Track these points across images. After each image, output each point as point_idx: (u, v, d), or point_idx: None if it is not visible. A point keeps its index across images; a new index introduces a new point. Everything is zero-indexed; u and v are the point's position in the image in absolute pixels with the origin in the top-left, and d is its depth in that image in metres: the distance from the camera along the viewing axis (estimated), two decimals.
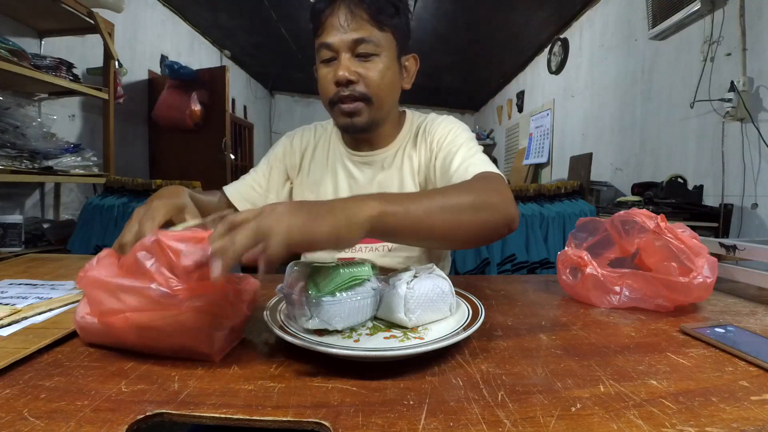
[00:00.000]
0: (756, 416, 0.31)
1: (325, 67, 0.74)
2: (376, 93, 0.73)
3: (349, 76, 0.71)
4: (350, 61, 0.71)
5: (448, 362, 0.41)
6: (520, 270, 1.73)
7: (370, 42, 0.71)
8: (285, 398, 0.33)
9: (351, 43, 0.70)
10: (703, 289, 0.56)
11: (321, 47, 0.73)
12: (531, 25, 3.93)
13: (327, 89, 0.74)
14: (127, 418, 0.30)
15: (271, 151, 0.91)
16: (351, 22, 0.70)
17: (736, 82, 1.89)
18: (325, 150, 0.88)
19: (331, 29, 0.71)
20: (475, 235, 0.57)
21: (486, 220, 0.56)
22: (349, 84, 0.71)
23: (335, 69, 0.71)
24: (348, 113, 0.73)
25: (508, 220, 0.58)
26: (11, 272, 0.71)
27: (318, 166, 0.87)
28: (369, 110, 0.74)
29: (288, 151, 0.89)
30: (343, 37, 0.70)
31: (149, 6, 3.42)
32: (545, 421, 0.30)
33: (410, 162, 0.83)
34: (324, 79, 0.74)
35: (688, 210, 1.93)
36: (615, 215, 0.67)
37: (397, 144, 0.84)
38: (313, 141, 0.89)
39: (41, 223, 2.10)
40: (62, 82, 2.00)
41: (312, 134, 0.90)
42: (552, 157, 4.12)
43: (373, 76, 0.72)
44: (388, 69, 0.74)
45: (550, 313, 0.59)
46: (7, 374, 0.36)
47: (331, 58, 0.73)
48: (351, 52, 0.71)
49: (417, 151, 0.83)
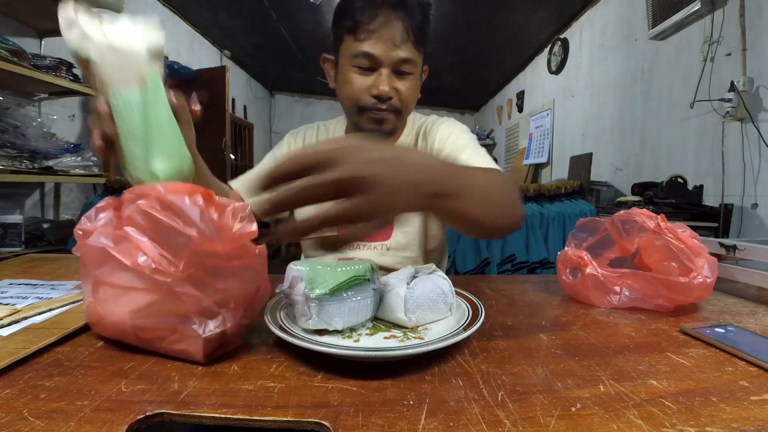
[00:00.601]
0: (756, 416, 0.31)
1: (360, 75, 0.74)
2: (405, 107, 0.77)
3: (390, 93, 0.73)
4: (391, 77, 0.73)
5: (448, 362, 0.41)
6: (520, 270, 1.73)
7: (411, 62, 0.73)
8: (285, 398, 0.33)
9: (397, 61, 0.72)
10: (703, 289, 0.56)
11: (361, 55, 0.71)
12: (531, 25, 3.93)
13: (360, 97, 0.74)
14: (127, 418, 0.30)
15: (276, 148, 0.91)
16: (402, 41, 0.71)
17: (736, 82, 1.89)
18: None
19: (379, 41, 0.70)
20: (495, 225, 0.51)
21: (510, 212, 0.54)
22: (388, 99, 0.74)
23: (375, 82, 0.73)
24: (378, 121, 0.76)
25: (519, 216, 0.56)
26: (11, 272, 0.71)
27: None
28: (396, 120, 0.78)
29: (293, 148, 0.89)
30: (391, 54, 0.71)
31: (149, 6, 3.42)
32: (545, 421, 0.30)
33: None
34: (359, 86, 0.74)
35: (688, 210, 1.93)
36: (615, 215, 0.67)
37: (399, 143, 0.86)
38: (316, 140, 0.90)
39: (41, 223, 2.10)
40: (62, 82, 2.00)
41: (315, 133, 0.91)
42: (552, 157, 4.12)
43: (406, 93, 0.75)
44: (417, 85, 0.78)
45: (550, 313, 0.59)
46: (7, 374, 0.36)
47: (370, 67, 0.73)
48: (392, 69, 0.73)
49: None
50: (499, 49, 4.56)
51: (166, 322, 0.39)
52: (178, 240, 0.38)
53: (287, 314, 0.47)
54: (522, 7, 3.57)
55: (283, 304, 0.50)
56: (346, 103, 0.78)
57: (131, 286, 0.39)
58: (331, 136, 0.89)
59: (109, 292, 0.40)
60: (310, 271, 0.44)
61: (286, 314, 0.48)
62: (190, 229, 0.38)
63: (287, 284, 0.45)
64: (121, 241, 0.39)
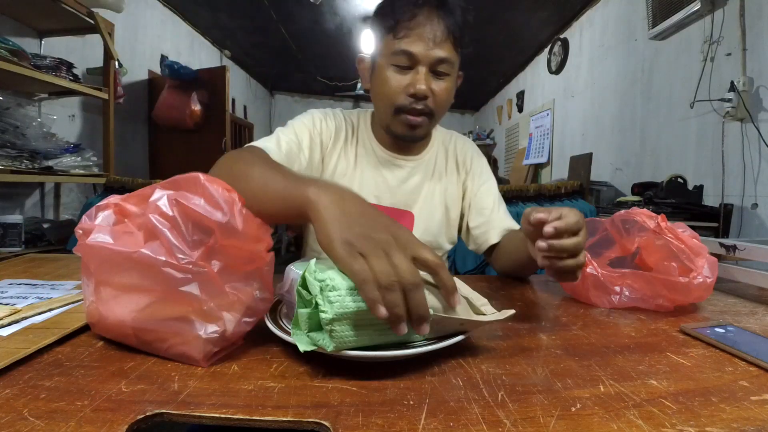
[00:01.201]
0: (756, 416, 0.31)
1: (398, 73, 0.73)
2: (439, 110, 0.76)
3: (427, 92, 0.72)
4: (428, 76, 0.72)
5: (448, 362, 0.41)
6: None
7: (448, 62, 0.72)
8: (285, 398, 0.33)
9: (435, 60, 0.71)
10: (703, 289, 0.56)
11: (400, 53, 0.71)
12: (531, 25, 3.93)
13: (396, 95, 0.73)
14: (127, 418, 0.30)
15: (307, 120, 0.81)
16: (442, 39, 0.70)
17: (736, 82, 1.89)
18: (353, 143, 0.85)
19: (418, 39, 0.70)
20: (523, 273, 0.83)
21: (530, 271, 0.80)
22: (425, 98, 0.73)
23: (413, 80, 0.72)
24: (412, 126, 0.75)
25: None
26: (11, 272, 0.71)
27: (347, 157, 0.84)
28: (429, 124, 0.77)
29: (325, 128, 0.82)
30: (430, 52, 0.70)
31: (149, 6, 3.42)
32: (545, 421, 0.30)
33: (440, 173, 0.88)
34: (396, 84, 0.73)
35: (688, 210, 1.93)
36: (615, 215, 0.67)
37: (427, 153, 0.88)
38: (344, 128, 0.85)
39: (41, 223, 2.10)
40: (62, 82, 2.00)
41: (343, 121, 0.86)
42: (552, 157, 4.12)
43: (442, 95, 0.74)
44: (453, 88, 0.77)
45: (550, 313, 0.59)
46: (7, 374, 0.36)
47: (408, 66, 0.72)
48: (429, 68, 0.72)
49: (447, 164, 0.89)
50: (499, 49, 4.56)
51: (167, 325, 0.38)
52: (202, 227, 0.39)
53: (287, 314, 0.47)
54: (522, 7, 3.57)
55: (283, 304, 0.50)
56: (382, 102, 0.76)
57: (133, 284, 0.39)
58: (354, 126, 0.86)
59: (109, 292, 0.40)
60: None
61: (286, 314, 0.48)
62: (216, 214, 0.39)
63: (287, 286, 0.45)
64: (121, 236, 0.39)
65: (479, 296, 0.47)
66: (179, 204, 0.39)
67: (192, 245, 0.38)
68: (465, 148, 0.91)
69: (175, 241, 0.38)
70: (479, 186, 0.87)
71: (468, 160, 0.89)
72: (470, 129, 6.55)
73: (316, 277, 0.37)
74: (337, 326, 0.35)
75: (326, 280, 0.36)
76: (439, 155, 0.88)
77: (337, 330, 0.35)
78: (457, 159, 0.89)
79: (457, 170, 0.89)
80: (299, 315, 0.37)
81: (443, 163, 0.88)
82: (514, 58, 4.85)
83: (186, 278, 0.37)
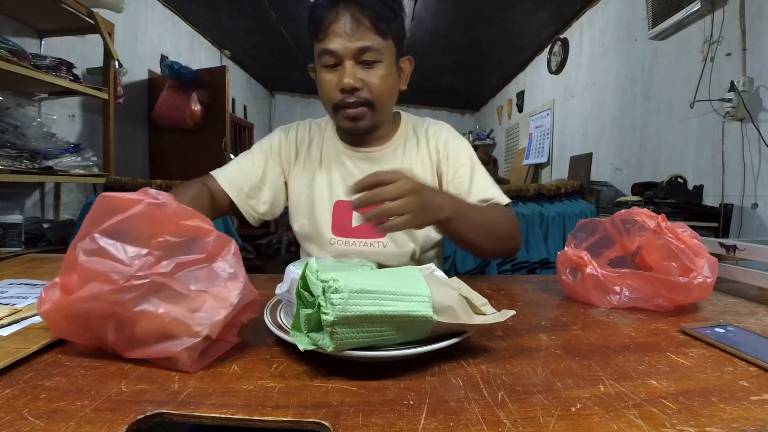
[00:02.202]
0: (756, 416, 0.31)
1: (328, 73, 0.75)
2: (378, 98, 0.76)
3: (355, 84, 0.73)
4: (354, 68, 0.73)
5: (448, 362, 0.41)
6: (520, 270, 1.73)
7: (373, 50, 0.73)
8: (285, 398, 0.33)
9: (355, 51, 0.72)
10: (703, 289, 0.56)
11: (324, 53, 0.74)
12: (531, 25, 3.93)
13: (331, 95, 0.76)
14: (127, 418, 0.30)
15: (265, 141, 0.90)
16: (355, 30, 0.72)
17: (736, 82, 1.88)
18: (319, 146, 0.89)
19: (335, 36, 0.72)
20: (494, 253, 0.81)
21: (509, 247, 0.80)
22: (354, 91, 0.74)
23: (340, 76, 0.73)
24: (352, 118, 0.76)
25: (516, 249, 0.82)
26: (11, 272, 0.71)
27: (313, 162, 0.88)
28: (372, 114, 0.77)
29: (284, 144, 0.89)
30: (347, 45, 0.72)
31: (149, 6, 3.42)
32: (545, 421, 0.30)
33: (410, 160, 0.86)
34: (328, 84, 0.75)
35: (688, 210, 1.93)
36: (615, 214, 0.67)
37: (395, 142, 0.87)
38: (308, 137, 0.90)
39: (41, 223, 2.10)
40: (62, 82, 2.00)
41: (307, 130, 0.91)
42: (552, 157, 4.12)
43: (376, 83, 0.75)
44: (389, 74, 0.76)
45: (550, 313, 0.59)
46: (7, 374, 0.36)
47: (335, 64, 0.74)
48: (355, 60, 0.73)
49: (418, 150, 0.87)
50: (499, 49, 4.56)
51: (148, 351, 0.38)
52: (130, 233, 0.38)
53: (287, 314, 0.47)
54: (522, 7, 3.56)
55: (283, 304, 0.50)
56: (324, 104, 0.80)
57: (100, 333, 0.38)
58: (321, 132, 0.90)
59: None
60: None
61: (286, 314, 0.48)
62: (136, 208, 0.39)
63: (286, 286, 0.45)
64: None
65: (479, 296, 0.47)
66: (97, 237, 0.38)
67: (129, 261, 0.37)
68: (438, 132, 0.88)
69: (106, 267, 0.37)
70: (455, 171, 0.85)
71: (441, 145, 0.86)
72: (470, 129, 6.55)
73: (319, 277, 0.37)
74: (338, 328, 0.35)
75: (329, 281, 0.36)
76: (408, 142, 0.87)
77: (338, 332, 0.35)
78: (428, 144, 0.87)
79: (429, 155, 0.87)
80: (299, 315, 0.37)
81: (414, 149, 0.87)
82: (514, 58, 4.85)
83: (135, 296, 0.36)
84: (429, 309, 0.38)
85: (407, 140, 0.88)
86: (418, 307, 0.38)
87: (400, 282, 0.39)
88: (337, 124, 0.82)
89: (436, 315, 0.38)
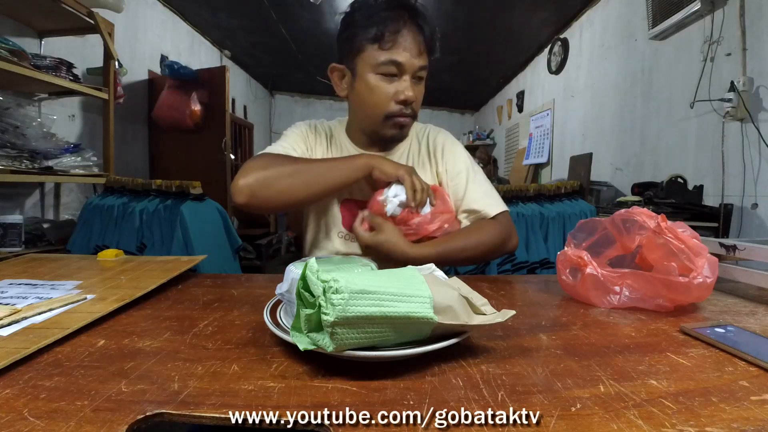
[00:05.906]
0: (756, 416, 0.31)
1: (386, 82, 0.79)
2: (418, 111, 0.85)
3: (413, 98, 0.80)
4: (412, 83, 0.80)
5: (448, 362, 0.41)
6: (520, 270, 1.73)
7: (425, 69, 0.81)
8: (285, 398, 0.33)
9: (417, 68, 0.79)
10: (703, 289, 0.56)
11: (389, 63, 0.77)
12: (531, 25, 3.93)
13: (386, 103, 0.80)
14: (127, 418, 0.30)
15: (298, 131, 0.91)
16: (423, 49, 0.79)
17: (736, 82, 1.89)
18: (327, 146, 0.92)
19: (402, 49, 0.77)
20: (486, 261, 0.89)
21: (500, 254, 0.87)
22: (409, 104, 0.81)
23: (401, 88, 0.79)
24: (401, 125, 0.83)
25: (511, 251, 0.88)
26: (11, 272, 0.71)
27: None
28: (411, 124, 0.86)
29: (311, 136, 0.91)
30: (413, 61, 0.78)
31: (149, 6, 3.42)
32: (545, 421, 0.30)
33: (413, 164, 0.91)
34: (384, 93, 0.80)
35: (688, 210, 1.93)
36: (615, 214, 0.67)
37: (403, 146, 0.93)
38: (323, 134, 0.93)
39: (41, 223, 2.10)
40: (62, 82, 2.00)
41: (322, 130, 0.94)
42: (552, 157, 4.12)
43: (420, 98, 0.84)
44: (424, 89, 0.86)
45: (550, 313, 0.59)
46: (7, 374, 0.36)
47: (394, 74, 0.79)
48: (412, 75, 0.79)
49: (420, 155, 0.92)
50: (499, 49, 4.56)
51: None
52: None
53: (287, 314, 0.47)
54: (522, 7, 3.57)
55: (283, 304, 0.50)
56: (370, 110, 0.82)
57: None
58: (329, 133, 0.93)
59: None
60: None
61: (286, 314, 0.48)
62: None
63: (287, 286, 0.45)
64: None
65: (479, 296, 0.47)
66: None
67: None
68: (437, 138, 0.93)
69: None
70: (452, 177, 0.90)
71: (439, 150, 0.92)
72: (470, 129, 6.55)
73: (320, 277, 0.37)
74: (338, 329, 0.35)
75: (330, 281, 0.36)
76: (412, 147, 0.93)
77: (338, 332, 0.35)
78: (429, 149, 0.92)
79: (429, 160, 0.92)
80: (299, 315, 0.37)
81: (416, 154, 0.92)
82: (514, 58, 4.85)
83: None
84: (430, 310, 0.38)
85: (412, 144, 0.93)
86: (419, 308, 0.37)
87: (401, 283, 0.39)
88: (379, 130, 0.84)
89: (436, 315, 0.38)
